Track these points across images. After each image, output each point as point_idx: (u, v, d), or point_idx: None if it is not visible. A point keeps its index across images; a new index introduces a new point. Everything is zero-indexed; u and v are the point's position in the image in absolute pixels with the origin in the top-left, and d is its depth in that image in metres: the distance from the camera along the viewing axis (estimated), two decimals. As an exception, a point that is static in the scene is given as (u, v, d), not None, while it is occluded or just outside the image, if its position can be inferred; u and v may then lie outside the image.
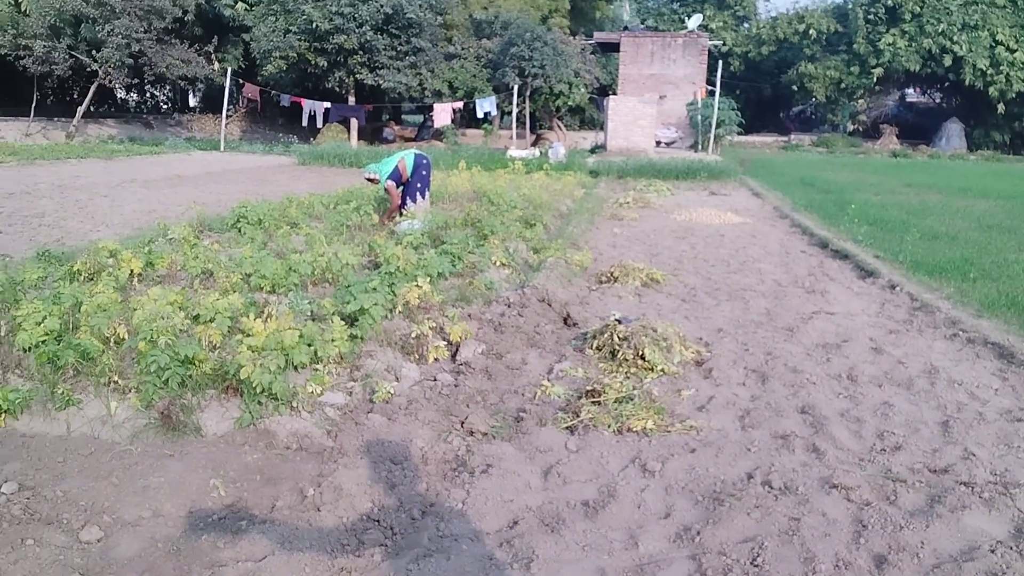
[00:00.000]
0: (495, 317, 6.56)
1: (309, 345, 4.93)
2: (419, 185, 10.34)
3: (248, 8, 33.32)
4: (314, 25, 28.64)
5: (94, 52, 27.79)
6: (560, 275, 8.24)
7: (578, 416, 4.55)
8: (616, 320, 5.91)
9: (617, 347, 5.60)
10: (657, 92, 31.91)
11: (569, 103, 33.47)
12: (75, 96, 34.50)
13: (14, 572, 2.77)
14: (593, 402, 4.69)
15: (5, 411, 4.26)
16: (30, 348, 4.72)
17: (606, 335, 5.76)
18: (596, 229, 12.19)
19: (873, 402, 5.01)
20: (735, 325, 6.75)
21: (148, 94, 42.45)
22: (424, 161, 10.42)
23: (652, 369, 5.36)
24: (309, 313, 5.91)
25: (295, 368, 4.81)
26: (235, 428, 4.21)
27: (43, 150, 22.84)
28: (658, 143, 28.88)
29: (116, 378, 4.46)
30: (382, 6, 28.53)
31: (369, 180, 10.56)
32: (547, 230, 11.26)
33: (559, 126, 35.60)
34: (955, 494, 3.71)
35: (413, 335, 5.55)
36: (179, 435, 4.15)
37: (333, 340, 5.00)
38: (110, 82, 29.48)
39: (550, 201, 13.68)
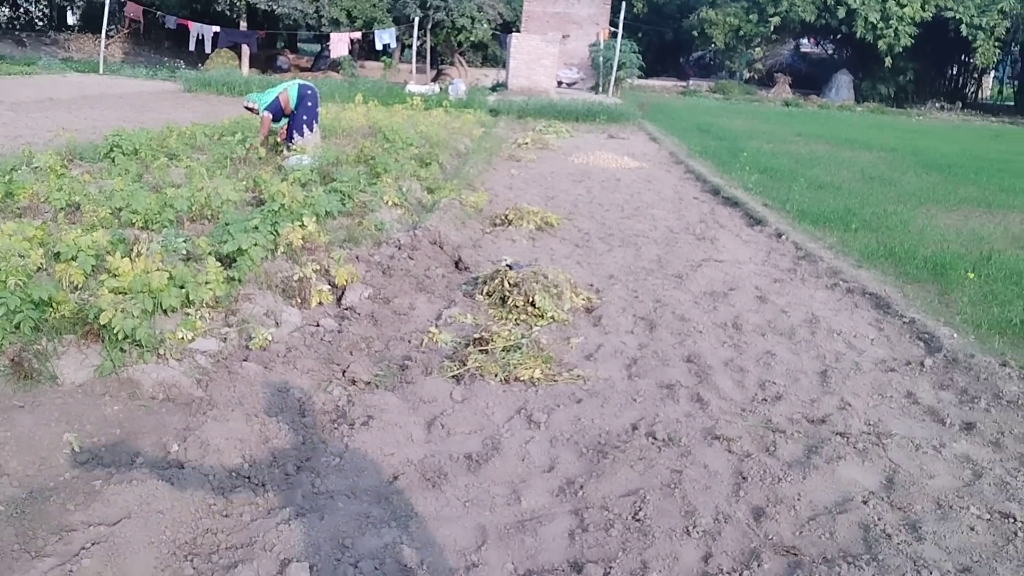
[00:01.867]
0: (384, 260, 6.35)
1: (180, 288, 4.62)
2: (305, 117, 9.88)
3: (131, -82, 30.96)
4: (202, -59, 26.92)
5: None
6: (454, 217, 8.06)
7: (465, 365, 4.44)
8: (507, 265, 5.81)
9: (507, 293, 5.50)
10: (561, 31, 31.60)
11: (471, 39, 32.79)
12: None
13: None
14: (481, 350, 4.59)
15: None
16: None
17: (497, 280, 5.65)
18: (493, 170, 12.00)
19: (756, 351, 5.10)
20: (626, 272, 6.76)
21: (22, 9, 39.18)
22: (309, 92, 9.94)
23: (542, 316, 5.30)
24: (184, 252, 5.56)
25: (164, 312, 4.51)
26: (95, 377, 3.90)
27: None
28: (560, 83, 28.72)
29: (-41, 322, 4.07)
30: (276, -75, 27.04)
31: (248, 109, 10.03)
32: (443, 170, 11.01)
33: (460, 62, 34.87)
34: (831, 445, 3.80)
35: (295, 278, 5.29)
36: (32, 384, 3.82)
37: (207, 283, 4.71)
38: (-27, -8, 26.99)
39: (448, 139, 13.38)
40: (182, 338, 4.31)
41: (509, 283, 5.54)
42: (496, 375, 4.36)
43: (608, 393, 4.29)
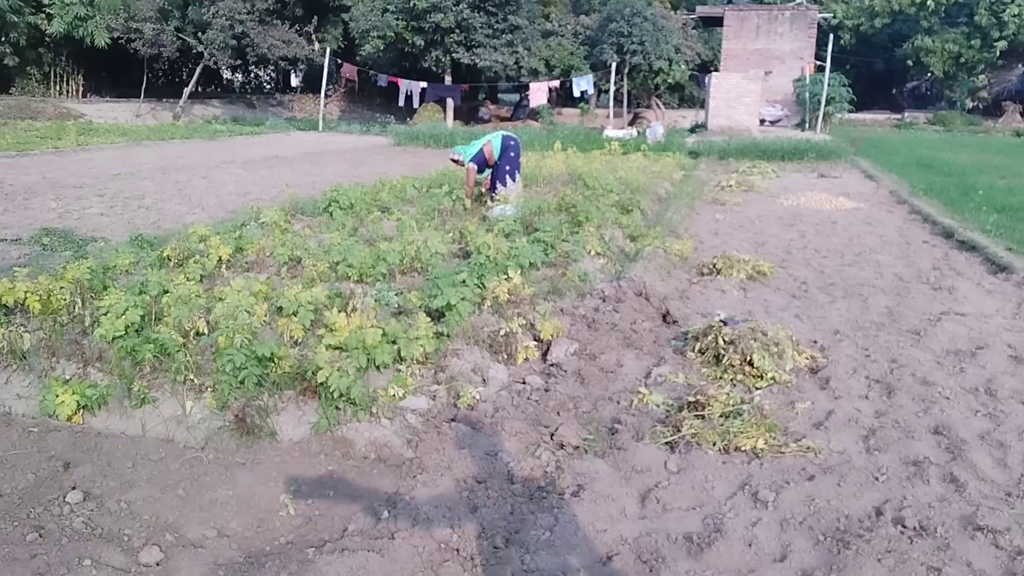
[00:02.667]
0: (589, 312, 6.18)
1: (392, 343, 4.67)
2: (508, 168, 10.00)
3: (348, -12, 33.62)
4: (411, 4, 28.63)
5: (199, 34, 28.54)
6: (659, 266, 7.77)
7: (679, 431, 4.13)
8: (721, 320, 5.44)
9: (722, 351, 5.14)
10: (762, 68, 30.62)
11: (668, 81, 32.55)
12: (183, 78, 35.53)
13: (67, 599, 2.58)
14: (696, 415, 4.26)
15: (83, 407, 4.16)
16: (113, 339, 4.62)
17: (710, 337, 5.30)
18: (697, 215, 11.61)
19: (1018, 423, 4.41)
20: (853, 326, 6.17)
21: (252, 74, 43.52)
22: (512, 143, 10.06)
23: (762, 377, 4.89)
24: (395, 306, 5.66)
25: (377, 368, 4.56)
26: (312, 434, 3.97)
27: (150, 131, 23.55)
28: (762, 121, 27.72)
29: (192, 376, 4.29)
30: (479, -17, 28.27)
31: (454, 161, 10.33)
32: (644, 216, 10.76)
33: (657, 104, 34.64)
34: None
35: (502, 333, 5.22)
36: (253, 439, 3.95)
37: (418, 339, 4.72)
38: (215, 63, 30.25)
39: (648, 184, 13.14)
40: (393, 395, 4.32)
41: (724, 340, 5.17)
42: (714, 444, 4.02)
43: (844, 469, 3.83)
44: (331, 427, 3.96)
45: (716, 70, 31.05)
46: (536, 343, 5.36)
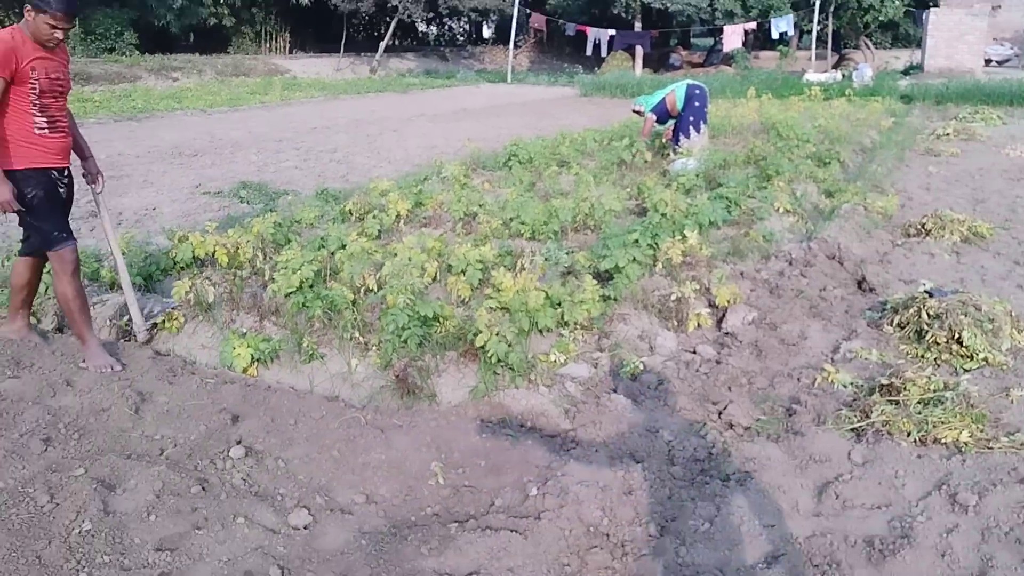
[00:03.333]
0: (772, 276, 5.72)
1: (556, 306, 4.51)
2: (692, 118, 9.46)
3: (540, -65, 33.34)
4: (603, -52, 27.87)
5: (394, -12, 29.30)
6: (857, 226, 7.09)
7: (868, 417, 3.69)
8: (926, 291, 4.84)
9: (926, 326, 4.56)
10: (989, 2, 27.33)
11: (880, 18, 29.78)
12: (381, 32, 36.80)
13: (216, 553, 2.64)
14: (890, 400, 3.80)
15: (257, 360, 4.32)
16: (287, 295, 4.78)
17: (912, 310, 4.72)
18: (906, 167, 10.54)
19: None
20: (1091, 300, 5.32)
21: (446, 27, 44.38)
22: (698, 92, 9.50)
23: (971, 358, 4.29)
24: (565, 265, 5.49)
25: (540, 332, 4.43)
26: (469, 399, 3.90)
27: (348, 85, 24.60)
28: (988, 62, 24.87)
29: (359, 334, 4.34)
30: (672, -77, 27.01)
31: (635, 112, 9.97)
32: (844, 169, 9.89)
33: (867, 44, 31.91)
34: None
35: (673, 297, 4.91)
36: (413, 400, 3.94)
37: (583, 302, 4.53)
38: (409, 17, 31.01)
39: (850, 133, 12.09)
40: (554, 361, 4.17)
41: (929, 313, 4.59)
42: (909, 434, 3.55)
43: (1069, 473, 3.27)
44: (488, 392, 3.87)
45: (935, 5, 28.09)
46: (710, 309, 5.01)
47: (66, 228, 4.06)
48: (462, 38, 45.22)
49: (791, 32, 28.88)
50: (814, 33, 27.34)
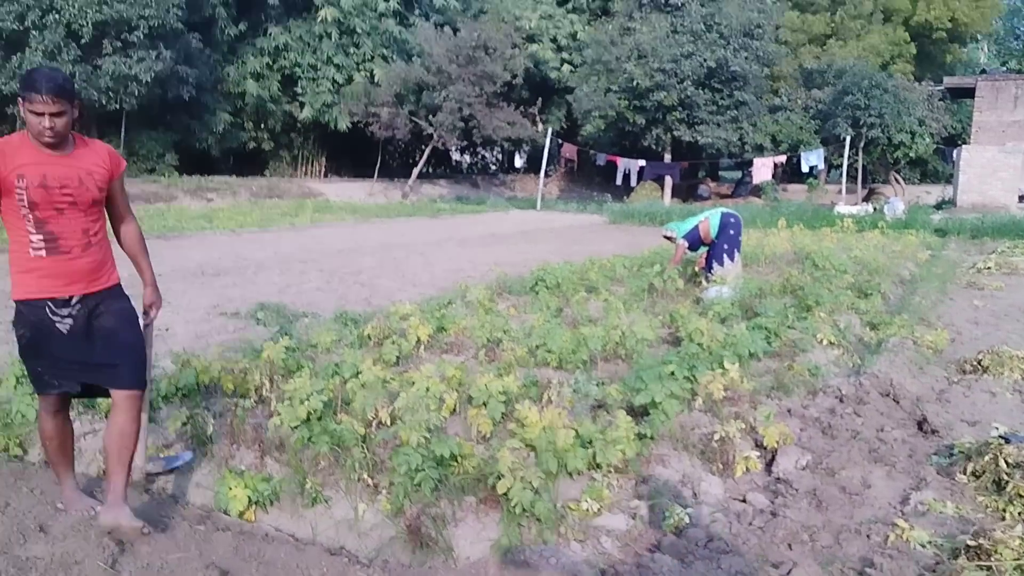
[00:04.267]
0: (823, 414, 5.23)
1: (587, 446, 4.05)
2: (726, 246, 9.19)
3: (573, 70, 34.49)
4: (635, 83, 28.61)
5: (431, 117, 30.19)
6: (908, 360, 6.60)
7: (957, 588, 3.15)
8: (1001, 437, 4.33)
9: (1005, 476, 4.03)
10: (1021, 141, 27.48)
11: (910, 155, 30.03)
12: (415, 159, 37.83)
13: None
14: (979, 565, 3.25)
15: (255, 503, 3.88)
16: (293, 428, 4.37)
17: (987, 457, 4.19)
18: (950, 300, 10.09)
19: None
20: None
21: (479, 155, 45.57)
22: (732, 220, 9.27)
23: (1065, 516, 3.75)
24: (594, 399, 5.06)
25: (569, 475, 3.96)
26: (491, 554, 3.41)
27: (379, 208, 24.89)
28: (1021, 198, 24.71)
29: (367, 475, 3.90)
30: (705, 61, 27.75)
31: (667, 238, 9.73)
32: (886, 301, 9.47)
33: (897, 179, 32.07)
34: None
35: (716, 437, 4.44)
36: (427, 554, 3.45)
37: (616, 442, 4.07)
38: (443, 145, 31.80)
39: (888, 265, 11.73)
40: (586, 510, 3.68)
41: (1007, 462, 4.07)
42: (1008, 611, 3.00)
43: None
44: (512, 548, 3.38)
45: (964, 143, 28.31)
46: (758, 451, 4.52)
47: (53, 379, 3.35)
48: (494, 166, 46.29)
49: (821, 166, 29.13)
50: (844, 167, 27.54)
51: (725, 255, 9.15)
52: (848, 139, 27.07)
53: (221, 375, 5.02)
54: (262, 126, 31.86)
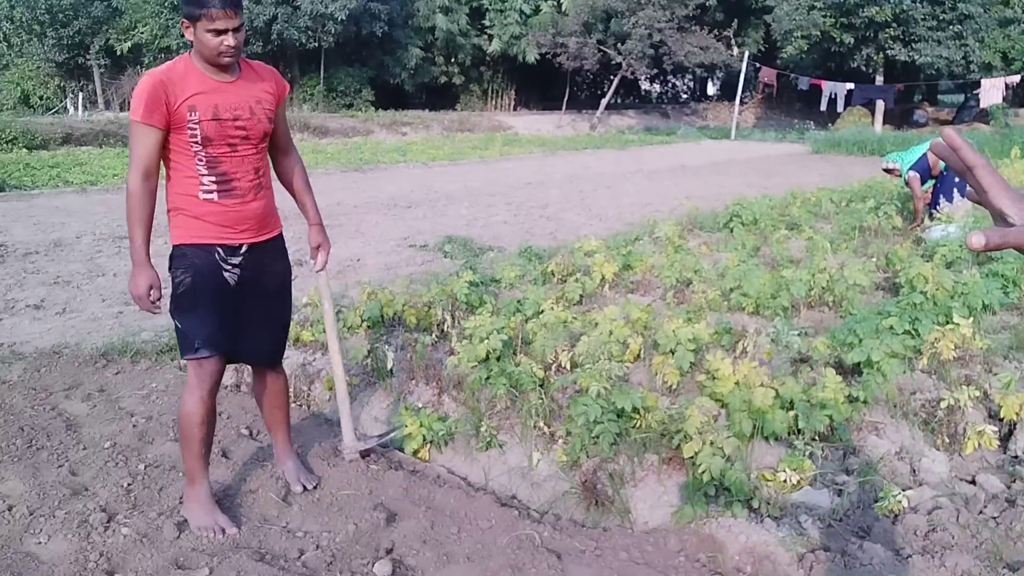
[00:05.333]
0: (1076, 381, 4.44)
1: (787, 408, 3.61)
2: (957, 179, 8.09)
3: (775, -13, 32.19)
4: (843, -3, 26.24)
5: (619, 45, 29.28)
6: None
7: None
8: None
9: None
10: None
11: None
12: (604, 90, 37.02)
13: None
14: None
15: (430, 442, 3.78)
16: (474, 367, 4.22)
17: None
18: None
19: None
20: None
21: (669, 84, 43.94)
22: (967, 148, 8.14)
23: None
24: (796, 351, 4.56)
25: (765, 439, 3.55)
26: (672, 522, 3.10)
27: (567, 141, 24.57)
28: None
29: (543, 423, 3.69)
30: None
31: (887, 171, 8.70)
32: None
33: None
34: None
35: (943, 405, 3.84)
36: (603, 513, 3.21)
37: (823, 405, 3.60)
38: (632, 74, 30.82)
39: None
40: (784, 482, 3.27)
41: None
42: None
43: None
44: (696, 518, 3.05)
45: None
46: (993, 424, 3.88)
47: (217, 334, 2.86)
48: (685, 95, 44.51)
49: (1062, 86, 25.61)
50: (1094, 87, 24.02)
51: (956, 189, 8.08)
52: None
53: (405, 308, 4.96)
54: (452, 60, 32.25)
